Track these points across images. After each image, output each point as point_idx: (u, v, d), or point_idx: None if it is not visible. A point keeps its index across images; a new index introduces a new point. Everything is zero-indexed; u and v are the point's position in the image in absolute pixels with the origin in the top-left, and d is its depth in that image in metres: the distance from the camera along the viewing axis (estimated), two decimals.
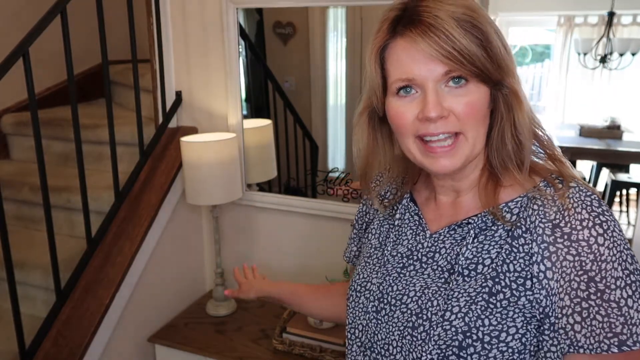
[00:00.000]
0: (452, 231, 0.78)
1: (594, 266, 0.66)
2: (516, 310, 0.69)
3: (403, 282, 0.79)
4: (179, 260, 2.05)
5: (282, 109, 2.03)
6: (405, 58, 0.70)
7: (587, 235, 0.66)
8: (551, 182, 0.72)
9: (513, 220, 0.73)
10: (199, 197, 1.80)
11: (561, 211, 0.69)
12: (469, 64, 0.68)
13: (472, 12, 0.69)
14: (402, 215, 0.85)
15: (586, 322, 0.65)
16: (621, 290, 0.65)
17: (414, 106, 0.71)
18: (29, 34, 1.46)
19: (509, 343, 0.69)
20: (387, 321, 0.78)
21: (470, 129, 0.71)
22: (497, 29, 0.71)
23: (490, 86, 0.72)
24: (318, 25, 1.95)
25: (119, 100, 2.59)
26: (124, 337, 1.77)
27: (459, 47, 0.67)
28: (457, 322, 0.71)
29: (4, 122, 2.42)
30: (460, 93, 0.70)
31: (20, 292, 1.54)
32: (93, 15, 1.68)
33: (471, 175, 0.78)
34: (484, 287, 0.71)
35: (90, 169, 2.03)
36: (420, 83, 0.70)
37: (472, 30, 0.68)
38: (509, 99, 0.72)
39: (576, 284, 0.66)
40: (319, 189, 1.95)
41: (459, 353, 0.70)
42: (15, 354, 1.53)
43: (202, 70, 1.98)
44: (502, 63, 0.71)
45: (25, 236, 2.03)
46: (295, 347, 1.71)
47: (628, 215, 4.81)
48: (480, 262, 0.73)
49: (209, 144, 1.76)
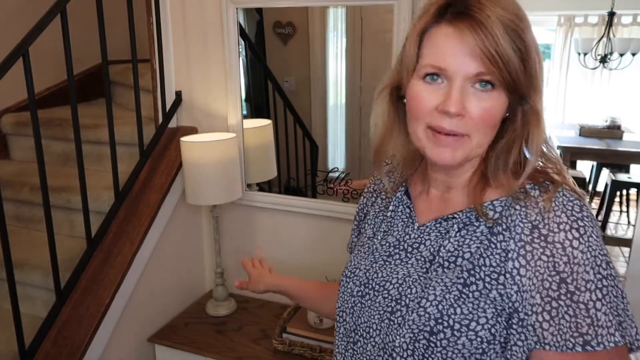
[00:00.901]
0: (438, 224, 0.81)
1: (566, 268, 0.68)
2: (487, 302, 0.72)
3: (388, 269, 0.83)
4: (179, 260, 2.05)
5: (282, 109, 2.03)
6: (444, 46, 0.71)
7: (563, 238, 0.69)
8: (539, 185, 0.74)
9: (495, 217, 0.75)
10: (199, 197, 1.80)
11: (542, 213, 0.71)
12: (505, 70, 0.68)
13: (520, 22, 0.69)
14: (395, 207, 0.89)
15: (554, 321, 0.68)
16: (591, 293, 0.67)
17: (436, 95, 0.72)
18: (29, 34, 1.46)
19: (478, 332, 0.72)
20: (369, 305, 0.82)
21: (477, 134, 0.73)
22: (537, 46, 0.71)
23: (513, 99, 0.72)
24: (318, 25, 1.95)
25: (119, 100, 2.59)
26: (124, 337, 1.77)
27: (501, 52, 0.67)
28: (431, 309, 0.74)
29: (4, 122, 2.42)
30: (484, 97, 0.71)
31: (20, 292, 1.54)
32: (93, 15, 1.68)
33: (465, 174, 0.81)
34: (460, 278, 0.74)
35: (90, 169, 2.04)
36: (450, 75, 0.71)
37: (516, 40, 0.68)
38: (529, 115, 0.73)
39: (548, 284, 0.68)
40: (319, 189, 1.95)
41: (429, 338, 0.73)
42: (15, 354, 1.53)
43: (202, 70, 1.98)
44: (534, 80, 0.72)
45: (25, 236, 2.03)
46: (295, 347, 1.71)
47: (628, 216, 4.81)
48: (460, 255, 0.76)
49: (209, 144, 1.76)
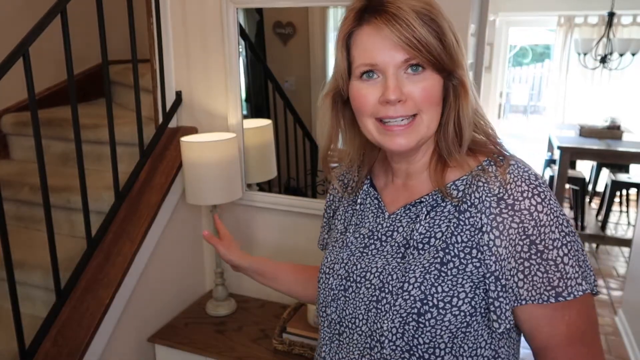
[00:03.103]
0: (407, 211, 0.85)
1: (534, 231, 0.74)
2: (465, 277, 0.77)
3: (366, 260, 0.86)
4: (179, 260, 2.05)
5: (282, 109, 2.03)
6: (369, 44, 0.77)
7: (528, 204, 0.75)
8: (494, 160, 0.80)
9: (459, 196, 0.80)
10: (199, 197, 1.80)
11: (504, 185, 0.76)
12: (427, 52, 0.75)
13: (430, 7, 0.76)
14: (364, 200, 0.92)
15: (528, 279, 0.75)
16: (558, 250, 0.74)
17: (375, 90, 0.78)
18: (29, 34, 1.46)
19: (461, 307, 0.77)
20: (354, 297, 0.85)
21: (426, 112, 0.78)
22: (451, 25, 0.78)
23: (444, 76, 0.79)
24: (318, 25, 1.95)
25: (119, 100, 2.59)
26: (124, 337, 1.77)
27: (418, 36, 0.74)
28: (414, 291, 0.78)
29: (4, 122, 2.42)
30: (418, 80, 0.77)
31: (20, 292, 1.54)
32: (93, 15, 1.68)
33: (423, 159, 0.86)
34: (436, 258, 0.79)
35: (90, 169, 2.03)
36: (382, 69, 0.77)
37: (429, 23, 0.75)
38: (458, 89, 0.80)
39: (520, 247, 0.75)
40: (319, 189, 1.96)
41: (418, 319, 0.77)
42: (15, 353, 1.53)
43: (202, 70, 1.98)
44: (455, 55, 0.78)
45: (25, 236, 2.03)
46: (295, 347, 1.71)
47: (628, 215, 4.81)
48: (433, 236, 0.81)
49: (209, 144, 1.76)
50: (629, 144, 4.09)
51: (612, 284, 3.62)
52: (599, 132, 4.29)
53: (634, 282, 2.97)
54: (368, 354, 0.83)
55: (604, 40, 4.29)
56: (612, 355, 2.82)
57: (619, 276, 3.75)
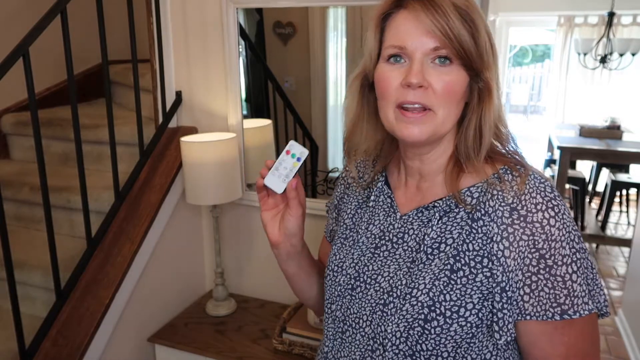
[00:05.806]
0: (419, 213, 0.84)
1: (545, 245, 0.73)
2: (474, 288, 0.76)
3: (378, 262, 0.85)
4: (179, 260, 2.05)
5: (282, 109, 2.03)
6: (403, 27, 0.76)
7: (541, 217, 0.73)
8: (512, 168, 0.78)
9: (473, 203, 0.79)
10: (199, 197, 1.80)
11: (518, 196, 0.75)
12: (458, 43, 0.74)
13: (469, 3, 0.76)
14: (377, 198, 0.91)
15: (534, 293, 0.73)
16: (567, 267, 0.73)
17: (400, 74, 0.77)
18: (29, 34, 1.46)
19: (468, 318, 0.76)
20: (360, 298, 0.84)
21: (442, 107, 0.76)
22: (488, 28, 0.77)
23: (470, 75, 0.77)
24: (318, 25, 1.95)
25: (119, 100, 2.59)
26: (124, 337, 1.77)
27: (452, 26, 0.73)
28: (423, 297, 0.77)
29: (4, 122, 2.42)
30: (443, 72, 0.76)
31: (20, 292, 1.54)
32: (93, 15, 1.68)
33: (438, 160, 0.84)
34: (447, 265, 0.78)
35: (90, 169, 2.04)
36: (410, 53, 0.76)
37: (466, 18, 0.74)
38: (483, 92, 0.78)
39: (528, 260, 0.73)
40: (319, 189, 1.96)
41: (424, 325, 0.76)
42: (15, 353, 1.53)
43: (202, 70, 1.98)
44: (485, 56, 0.77)
45: (25, 236, 2.03)
46: (295, 347, 1.71)
47: (628, 216, 4.81)
48: (444, 242, 0.79)
49: (209, 144, 1.76)
50: (629, 144, 4.09)
51: (612, 284, 3.62)
52: (599, 132, 4.29)
53: (634, 282, 2.97)
54: (370, 356, 0.82)
55: (604, 40, 4.29)
56: (612, 355, 2.82)
57: (619, 276, 3.75)
